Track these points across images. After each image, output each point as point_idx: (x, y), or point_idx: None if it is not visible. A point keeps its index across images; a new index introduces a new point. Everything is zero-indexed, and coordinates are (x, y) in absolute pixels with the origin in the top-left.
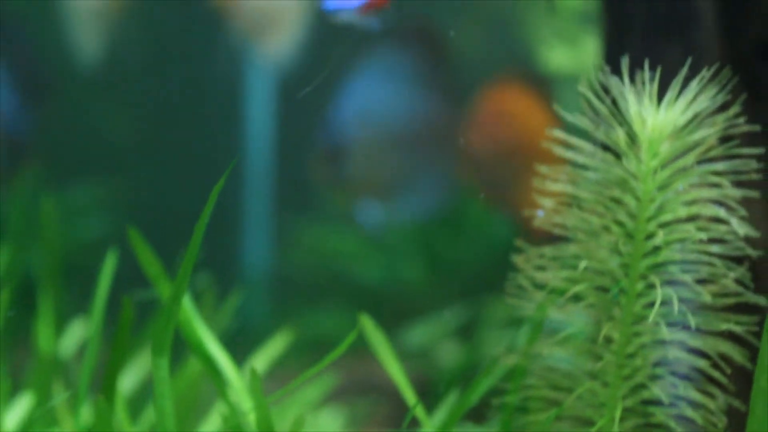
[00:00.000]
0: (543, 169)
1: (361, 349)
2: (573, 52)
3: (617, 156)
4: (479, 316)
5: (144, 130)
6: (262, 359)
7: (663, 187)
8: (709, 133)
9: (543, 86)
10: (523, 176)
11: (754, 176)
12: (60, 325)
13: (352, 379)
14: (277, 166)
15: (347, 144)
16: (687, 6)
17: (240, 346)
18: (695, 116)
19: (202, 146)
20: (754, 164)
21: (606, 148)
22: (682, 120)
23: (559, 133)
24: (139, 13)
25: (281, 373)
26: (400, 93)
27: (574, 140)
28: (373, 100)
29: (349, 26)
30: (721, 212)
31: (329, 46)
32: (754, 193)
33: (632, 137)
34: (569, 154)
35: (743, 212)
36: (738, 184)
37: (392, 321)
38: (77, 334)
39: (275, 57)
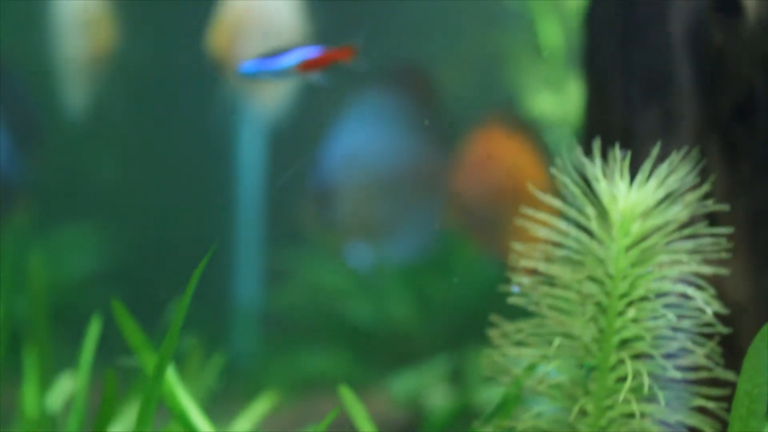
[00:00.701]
0: (526, 223)
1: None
2: (559, 98)
3: (590, 234)
4: (468, 361)
5: (136, 172)
6: (246, 421)
7: (635, 265)
8: (679, 212)
9: (529, 131)
10: (511, 219)
11: (724, 255)
12: (48, 375)
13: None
14: (268, 207)
15: (337, 186)
16: (665, 71)
17: (230, 384)
18: (667, 195)
19: (194, 188)
20: (724, 243)
21: (580, 225)
22: (654, 199)
23: (533, 212)
24: (136, 59)
25: (272, 417)
26: (389, 135)
27: (546, 218)
28: (363, 142)
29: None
30: (690, 290)
31: (319, 92)
32: (724, 271)
33: (604, 216)
34: (543, 232)
35: (712, 291)
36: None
37: (382, 361)
38: (65, 388)
39: (265, 103)
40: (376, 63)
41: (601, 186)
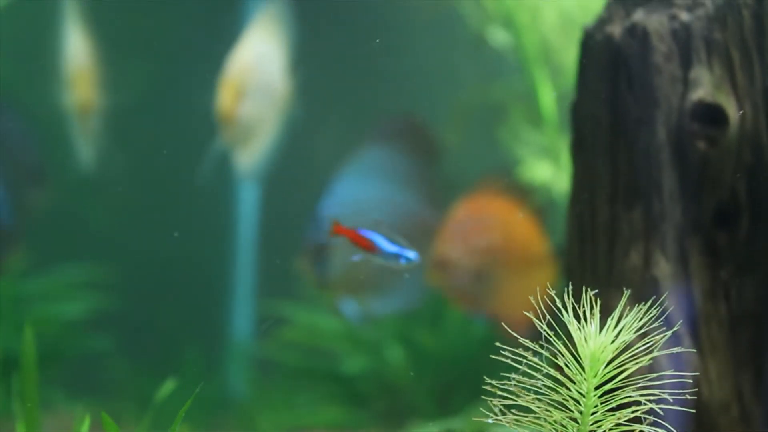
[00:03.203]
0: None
1: None
2: (556, 167)
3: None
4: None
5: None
6: None
7: (604, 403)
8: (644, 356)
9: (523, 196)
10: (499, 283)
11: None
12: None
13: None
14: (264, 258)
15: (331, 240)
16: (650, 173)
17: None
18: (635, 340)
19: (192, 236)
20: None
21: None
22: (620, 343)
23: (506, 348)
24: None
25: None
26: (387, 191)
27: (521, 354)
28: (360, 197)
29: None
30: None
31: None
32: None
33: (576, 357)
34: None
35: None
36: None
37: (374, 411)
38: None
39: (253, 158)
40: (377, 117)
41: (573, 328)
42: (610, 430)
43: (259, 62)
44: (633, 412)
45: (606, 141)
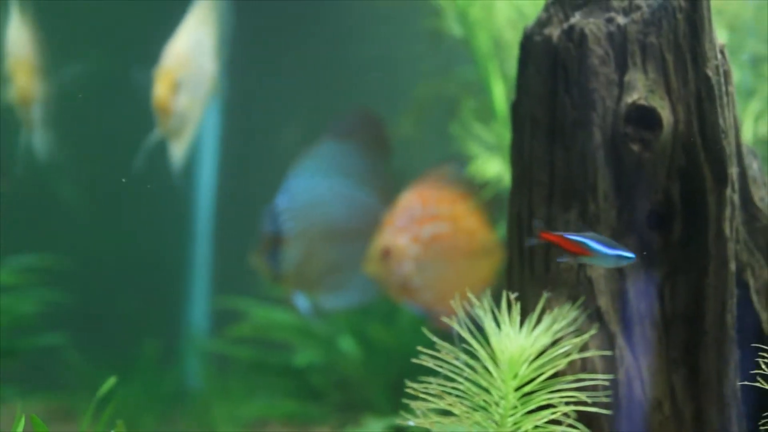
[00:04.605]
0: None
1: None
2: (505, 163)
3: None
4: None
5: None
6: None
7: (524, 403)
8: (565, 355)
9: (472, 189)
10: (441, 274)
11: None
12: None
13: None
14: (220, 252)
15: (286, 234)
16: (584, 177)
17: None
18: (553, 341)
19: (148, 232)
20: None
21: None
22: (540, 345)
23: (431, 351)
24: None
25: None
26: (340, 185)
27: (445, 355)
28: (314, 192)
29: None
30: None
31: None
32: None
33: (494, 359)
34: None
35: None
36: None
37: (327, 403)
38: None
39: (182, 150)
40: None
41: (491, 332)
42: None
43: (193, 52)
44: (553, 413)
45: (544, 142)
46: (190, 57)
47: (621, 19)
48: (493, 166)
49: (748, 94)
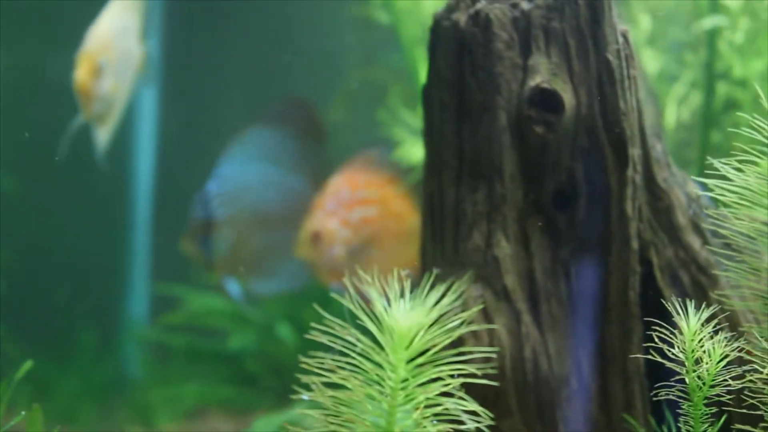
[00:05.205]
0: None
1: None
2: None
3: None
4: None
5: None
6: None
7: (414, 376)
8: (455, 329)
9: (399, 174)
10: (370, 256)
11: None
12: None
13: None
14: (156, 237)
15: (218, 219)
16: (491, 159)
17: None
18: (441, 314)
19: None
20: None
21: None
22: (431, 318)
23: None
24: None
25: None
26: (271, 172)
27: (340, 331)
28: (247, 176)
29: None
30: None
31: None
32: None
33: (386, 332)
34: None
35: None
36: None
37: (262, 388)
38: None
39: (104, 135)
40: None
41: (381, 307)
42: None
43: (116, 35)
44: (444, 386)
45: (452, 125)
46: (113, 40)
47: (525, 5)
48: (419, 151)
49: (671, 80)
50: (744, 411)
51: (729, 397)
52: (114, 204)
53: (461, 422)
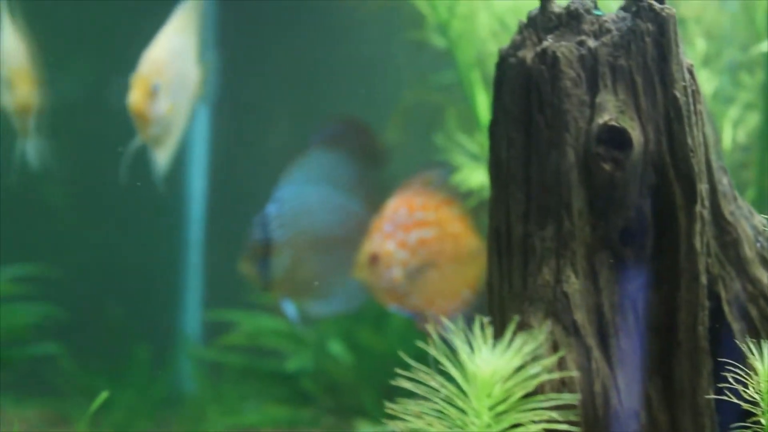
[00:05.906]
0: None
1: None
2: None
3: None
4: None
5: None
6: None
7: (497, 422)
8: (537, 376)
9: (457, 196)
10: (428, 279)
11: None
12: None
13: None
14: (211, 259)
15: (276, 242)
16: (559, 195)
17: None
18: (524, 361)
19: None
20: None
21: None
22: (513, 365)
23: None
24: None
25: None
26: (329, 194)
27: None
28: (303, 200)
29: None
30: None
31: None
32: None
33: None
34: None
35: None
36: None
37: (320, 410)
38: None
39: (164, 159)
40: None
41: (464, 353)
42: None
43: (172, 58)
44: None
45: (520, 161)
46: (168, 62)
47: (592, 42)
48: (477, 176)
49: (726, 101)
50: None
51: None
52: (169, 223)
53: None
